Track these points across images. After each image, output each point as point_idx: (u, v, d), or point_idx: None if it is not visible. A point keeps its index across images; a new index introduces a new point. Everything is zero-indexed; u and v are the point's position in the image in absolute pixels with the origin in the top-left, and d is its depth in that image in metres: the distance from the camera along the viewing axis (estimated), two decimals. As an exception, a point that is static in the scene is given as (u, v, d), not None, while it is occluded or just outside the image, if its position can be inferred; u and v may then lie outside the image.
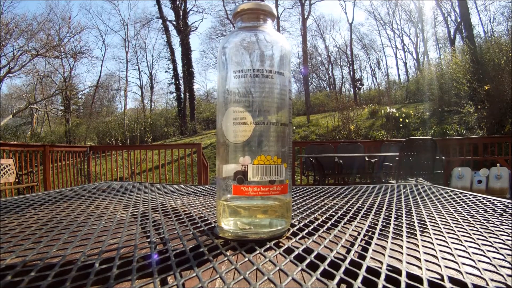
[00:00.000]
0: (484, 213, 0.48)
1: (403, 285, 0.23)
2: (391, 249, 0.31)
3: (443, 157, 3.95)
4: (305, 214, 0.49)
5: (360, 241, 0.34)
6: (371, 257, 0.29)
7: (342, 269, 0.26)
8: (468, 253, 0.30)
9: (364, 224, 0.42)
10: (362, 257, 0.29)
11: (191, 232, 0.37)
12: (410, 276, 0.25)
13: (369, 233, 0.38)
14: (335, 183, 5.29)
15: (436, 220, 0.44)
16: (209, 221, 0.43)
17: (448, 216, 0.46)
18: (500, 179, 4.10)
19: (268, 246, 0.32)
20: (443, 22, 17.32)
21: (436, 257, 0.29)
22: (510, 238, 0.35)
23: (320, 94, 19.08)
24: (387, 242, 0.33)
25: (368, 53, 20.32)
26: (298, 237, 0.35)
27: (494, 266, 0.27)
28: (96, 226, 0.40)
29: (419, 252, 0.30)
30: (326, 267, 0.26)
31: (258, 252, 0.31)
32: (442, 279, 0.24)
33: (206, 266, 0.27)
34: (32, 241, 0.34)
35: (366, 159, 4.46)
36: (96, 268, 0.26)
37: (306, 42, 17.81)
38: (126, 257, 0.29)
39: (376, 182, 4.35)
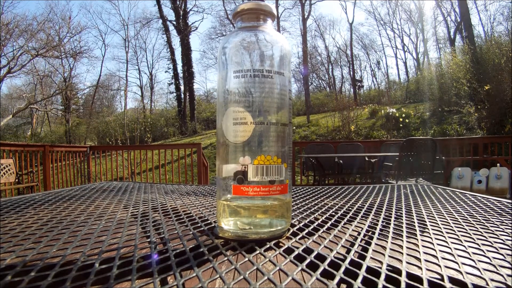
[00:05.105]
0: (484, 213, 0.48)
1: (403, 285, 0.23)
2: (391, 249, 0.31)
3: (443, 157, 3.96)
4: (305, 214, 0.49)
5: (360, 241, 0.34)
6: (371, 257, 0.29)
7: (342, 269, 0.26)
8: (468, 253, 0.30)
9: (364, 224, 0.42)
10: (362, 257, 0.29)
11: (191, 232, 0.37)
12: (410, 276, 0.25)
13: (369, 233, 0.37)
14: (335, 183, 5.29)
15: (436, 220, 0.44)
16: (209, 221, 0.43)
17: (448, 216, 0.46)
18: (500, 179, 4.10)
19: (268, 246, 0.32)
20: (443, 22, 17.36)
21: (436, 257, 0.29)
22: (510, 238, 0.35)
23: (320, 94, 19.08)
24: (387, 242, 0.33)
25: (368, 53, 20.34)
26: (298, 237, 0.35)
27: (494, 266, 0.27)
28: (96, 226, 0.40)
29: (419, 252, 0.30)
30: (326, 267, 0.26)
31: (258, 252, 0.31)
32: (442, 279, 0.24)
33: (206, 266, 0.27)
34: (32, 241, 0.34)
35: (366, 159, 4.46)
36: (96, 268, 0.26)
37: (306, 42, 17.80)
38: (126, 257, 0.29)
39: (376, 182, 4.35)
